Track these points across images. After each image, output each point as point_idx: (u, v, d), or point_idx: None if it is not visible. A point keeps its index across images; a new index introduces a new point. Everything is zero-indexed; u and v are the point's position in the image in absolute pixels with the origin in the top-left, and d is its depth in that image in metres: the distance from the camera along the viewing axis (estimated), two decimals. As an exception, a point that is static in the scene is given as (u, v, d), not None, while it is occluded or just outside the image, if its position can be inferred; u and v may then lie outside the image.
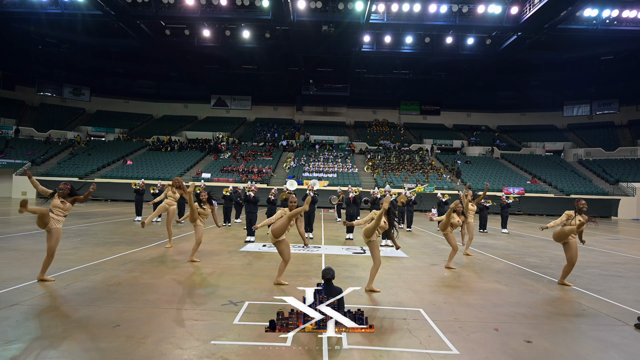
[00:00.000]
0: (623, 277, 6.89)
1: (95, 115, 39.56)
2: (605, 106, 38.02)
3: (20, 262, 6.34)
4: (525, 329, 4.09)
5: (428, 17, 25.21)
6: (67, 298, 4.64)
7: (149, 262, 6.79)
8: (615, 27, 25.30)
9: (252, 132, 38.54)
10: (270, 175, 27.64)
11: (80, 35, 30.17)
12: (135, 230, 11.07)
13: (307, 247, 7.87)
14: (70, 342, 3.39)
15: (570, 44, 29.50)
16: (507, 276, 6.64)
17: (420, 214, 22.26)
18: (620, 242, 12.22)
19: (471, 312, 4.60)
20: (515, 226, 16.37)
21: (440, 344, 3.59)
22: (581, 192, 25.68)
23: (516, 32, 25.58)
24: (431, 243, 10.51)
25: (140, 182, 14.18)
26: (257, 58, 32.79)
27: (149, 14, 24.73)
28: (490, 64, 31.26)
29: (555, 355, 3.48)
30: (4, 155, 27.96)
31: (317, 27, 24.92)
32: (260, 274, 6.14)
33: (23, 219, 12.86)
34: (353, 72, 34.05)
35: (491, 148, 35.07)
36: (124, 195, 23.95)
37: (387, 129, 40.30)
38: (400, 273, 6.54)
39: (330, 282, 3.98)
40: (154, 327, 3.78)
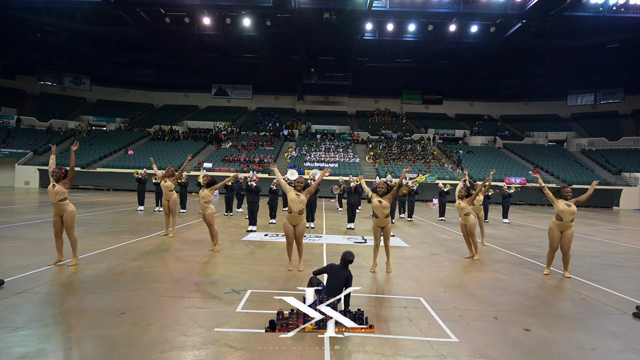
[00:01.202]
0: (622, 267, 6.94)
1: (96, 104, 39.46)
2: (610, 95, 37.61)
3: (26, 251, 6.42)
4: (524, 317, 4.14)
5: (431, 5, 24.83)
6: (72, 286, 4.72)
7: (153, 251, 6.86)
8: (622, 15, 24.87)
9: (254, 122, 38.41)
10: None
11: (79, 24, 29.84)
12: (138, 219, 11.15)
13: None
14: (77, 329, 3.46)
15: (576, 31, 29.02)
16: (507, 266, 6.69)
17: (422, 203, 22.30)
18: (621, 232, 12.25)
19: (471, 300, 4.65)
20: (516, 216, 16.41)
21: (440, 332, 3.65)
22: (583, 182, 25.63)
23: (521, 19, 25.17)
24: (432, 233, 10.56)
25: (143, 171, 14.22)
26: (258, 46, 32.44)
27: (148, 1, 24.43)
28: (493, 53, 30.88)
29: (553, 343, 3.53)
30: (6, 145, 28.02)
31: (319, 15, 24.57)
32: (262, 263, 6.21)
33: (27, 209, 12.96)
34: (355, 60, 33.71)
35: (494, 138, 34.89)
36: (126, 184, 24.06)
37: (389, 118, 40.08)
38: (400, 262, 6.59)
39: (347, 265, 4.06)
40: (158, 314, 3.84)
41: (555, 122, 38.28)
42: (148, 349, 3.13)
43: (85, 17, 28.30)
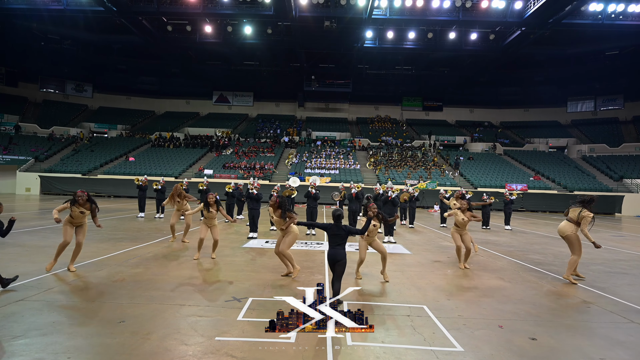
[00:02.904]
0: (628, 274, 6.86)
1: (98, 111, 39.62)
2: (610, 102, 37.69)
3: (26, 258, 6.37)
4: (529, 326, 4.08)
5: (431, 12, 25.02)
6: (72, 294, 4.66)
7: (153, 258, 6.81)
8: (621, 22, 25.03)
9: (254, 128, 38.51)
10: (272, 171, 27.64)
11: (82, 32, 30.12)
12: (138, 226, 11.10)
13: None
14: (76, 338, 3.41)
15: (575, 39, 29.21)
16: (510, 273, 6.62)
17: (423, 210, 22.23)
18: (625, 239, 12.16)
19: (475, 309, 4.59)
20: (518, 223, 16.32)
21: (445, 341, 3.58)
22: (584, 188, 25.55)
23: (520, 27, 25.35)
24: (434, 240, 10.49)
25: (143, 178, 14.21)
26: (259, 54, 32.68)
27: (151, 9, 24.67)
28: (493, 60, 31.04)
29: (560, 352, 3.46)
30: (8, 152, 28.08)
31: (319, 23, 24.78)
32: (263, 270, 6.15)
33: (28, 215, 12.92)
34: (355, 68, 33.89)
35: (494, 144, 34.91)
36: (126, 191, 24.02)
37: (389, 125, 40.16)
38: (403, 270, 6.53)
39: (340, 220, 4.45)
40: (158, 322, 3.79)
41: (556, 129, 38.30)
42: (148, 358, 3.08)
43: (88, 25, 28.58)
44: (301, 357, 3.19)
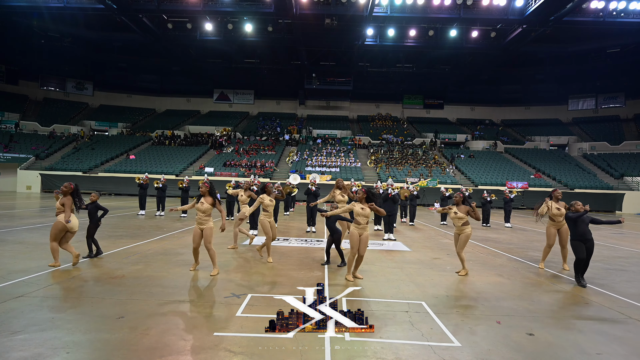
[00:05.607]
0: (627, 271, 6.87)
1: (99, 109, 39.64)
2: (611, 100, 37.58)
3: (25, 255, 6.40)
4: (527, 322, 4.09)
5: (432, 10, 24.95)
6: (71, 290, 4.69)
7: (152, 255, 6.83)
8: (622, 19, 24.94)
9: (255, 126, 38.50)
10: (273, 169, 27.65)
11: (82, 30, 30.12)
12: (139, 223, 11.13)
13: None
14: (75, 333, 3.43)
15: (576, 36, 29.09)
16: (509, 270, 6.63)
17: (423, 208, 22.23)
18: (624, 237, 12.15)
19: (473, 305, 4.60)
20: (518, 220, 16.31)
21: (442, 337, 3.60)
22: (585, 186, 25.52)
23: (521, 24, 25.26)
24: (434, 237, 10.50)
25: (144, 176, 14.22)
26: (260, 52, 32.63)
27: (151, 7, 24.65)
28: (494, 57, 30.94)
29: (557, 348, 3.47)
30: (9, 150, 28.13)
31: (320, 20, 24.74)
32: (262, 267, 6.17)
33: (28, 213, 12.97)
34: (356, 65, 33.83)
35: (495, 142, 34.86)
36: (127, 189, 24.07)
37: (390, 123, 40.11)
38: (402, 266, 6.54)
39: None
40: (157, 318, 3.81)
41: (557, 127, 38.22)
42: (147, 353, 3.10)
43: (88, 23, 28.59)
44: (299, 351, 3.21)
